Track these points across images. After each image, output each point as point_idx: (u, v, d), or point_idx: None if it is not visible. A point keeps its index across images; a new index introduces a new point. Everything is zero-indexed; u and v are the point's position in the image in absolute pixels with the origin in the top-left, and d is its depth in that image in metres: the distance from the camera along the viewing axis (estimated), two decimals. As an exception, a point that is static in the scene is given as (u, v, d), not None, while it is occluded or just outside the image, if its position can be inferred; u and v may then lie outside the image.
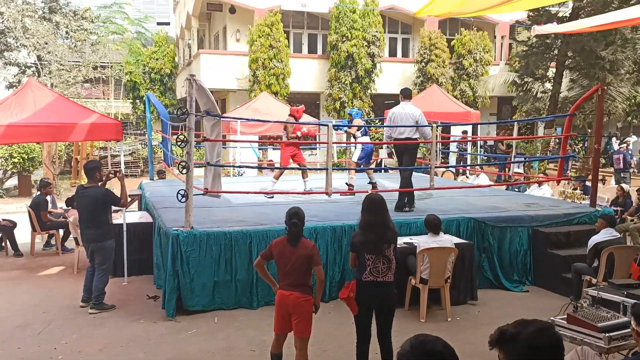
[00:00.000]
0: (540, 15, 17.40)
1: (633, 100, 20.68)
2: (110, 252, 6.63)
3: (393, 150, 8.23)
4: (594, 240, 6.47)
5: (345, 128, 9.35)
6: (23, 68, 20.53)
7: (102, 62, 23.00)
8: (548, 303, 6.65)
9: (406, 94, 8.07)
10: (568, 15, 17.44)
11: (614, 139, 20.74)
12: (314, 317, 4.47)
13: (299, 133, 9.17)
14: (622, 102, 18.58)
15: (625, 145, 16.39)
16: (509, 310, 6.54)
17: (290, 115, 9.29)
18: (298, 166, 9.34)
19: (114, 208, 7.05)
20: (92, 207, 6.43)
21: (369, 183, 9.27)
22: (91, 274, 6.62)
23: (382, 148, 17.59)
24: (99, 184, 6.62)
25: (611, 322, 4.12)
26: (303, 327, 4.35)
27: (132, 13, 30.81)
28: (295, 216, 4.42)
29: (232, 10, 21.49)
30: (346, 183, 9.45)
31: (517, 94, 20.15)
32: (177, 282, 6.23)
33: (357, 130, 9.30)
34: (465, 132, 16.74)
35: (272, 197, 8.68)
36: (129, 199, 10.28)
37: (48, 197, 9.82)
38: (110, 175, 6.81)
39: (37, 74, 19.53)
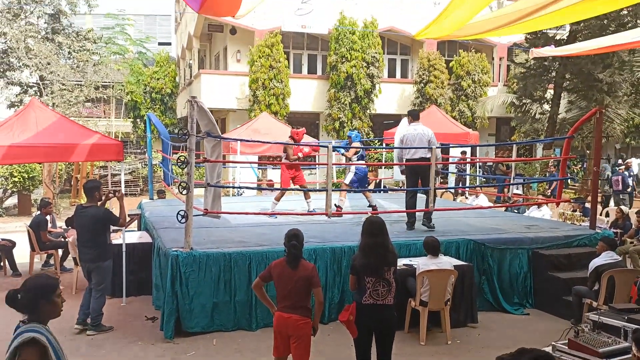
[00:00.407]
0: (537, 38, 17.58)
1: (631, 122, 20.78)
2: (107, 273, 6.58)
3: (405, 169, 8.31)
4: (595, 263, 6.46)
5: (343, 151, 9.34)
6: (25, 88, 20.68)
7: (104, 82, 23.18)
8: (549, 326, 6.62)
9: (415, 116, 8.18)
10: (565, 38, 17.63)
11: (620, 160, 20.56)
12: (313, 339, 4.44)
13: (300, 154, 9.20)
14: (620, 123, 18.68)
15: (623, 167, 16.43)
16: (510, 333, 6.51)
17: (290, 137, 9.33)
18: (299, 188, 9.36)
19: (113, 228, 7.05)
20: (91, 226, 6.42)
21: (369, 206, 9.25)
22: (90, 294, 6.57)
23: (381, 168, 17.64)
24: (99, 203, 6.62)
25: (612, 347, 4.11)
26: (302, 350, 4.33)
27: (134, 34, 31.16)
28: (294, 238, 4.42)
29: (233, 31, 21.72)
30: (335, 205, 9.36)
31: (516, 115, 20.27)
32: (176, 303, 6.20)
33: (355, 153, 9.31)
34: (464, 152, 16.82)
35: (276, 217, 8.69)
36: (128, 219, 10.34)
37: (48, 217, 9.82)
38: (110, 194, 6.82)
39: (39, 94, 19.67)
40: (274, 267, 4.45)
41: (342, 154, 9.46)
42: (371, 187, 16.18)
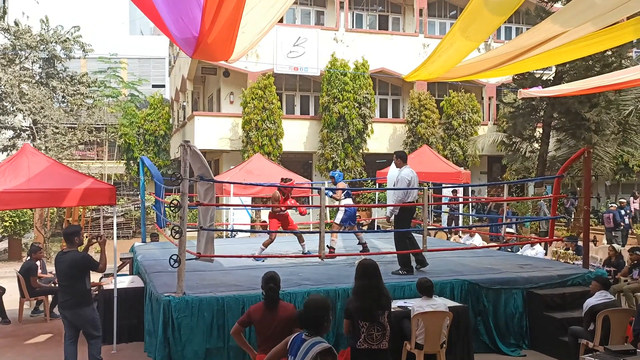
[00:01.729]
0: (525, 79, 17.93)
1: (620, 160, 21.01)
2: (92, 318, 6.23)
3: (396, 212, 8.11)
4: (589, 303, 6.44)
5: (330, 193, 9.38)
6: (18, 132, 20.73)
7: (97, 125, 23.29)
8: (546, 368, 6.54)
9: (406, 158, 8.17)
10: (552, 79, 17.99)
11: (631, 198, 20.52)
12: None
13: (282, 208, 9.21)
14: (609, 161, 18.88)
15: (615, 205, 16.51)
16: (507, 375, 6.42)
17: (279, 191, 9.36)
18: (292, 232, 9.38)
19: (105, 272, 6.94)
20: (69, 272, 6.11)
21: (359, 244, 9.28)
22: (70, 346, 6.22)
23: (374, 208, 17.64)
24: (80, 248, 6.47)
25: (610, 390, 4.06)
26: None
27: (128, 76, 31.46)
28: (271, 280, 4.47)
29: (226, 73, 22.04)
30: (327, 246, 9.29)
31: (506, 154, 20.48)
32: (168, 350, 6.08)
33: (342, 193, 9.36)
34: (455, 191, 16.91)
35: (264, 260, 8.65)
36: (119, 262, 10.24)
37: (38, 262, 9.71)
38: (93, 240, 6.70)
39: (32, 138, 19.72)
40: (253, 313, 4.45)
41: (331, 196, 9.52)
42: (364, 228, 16.19)
